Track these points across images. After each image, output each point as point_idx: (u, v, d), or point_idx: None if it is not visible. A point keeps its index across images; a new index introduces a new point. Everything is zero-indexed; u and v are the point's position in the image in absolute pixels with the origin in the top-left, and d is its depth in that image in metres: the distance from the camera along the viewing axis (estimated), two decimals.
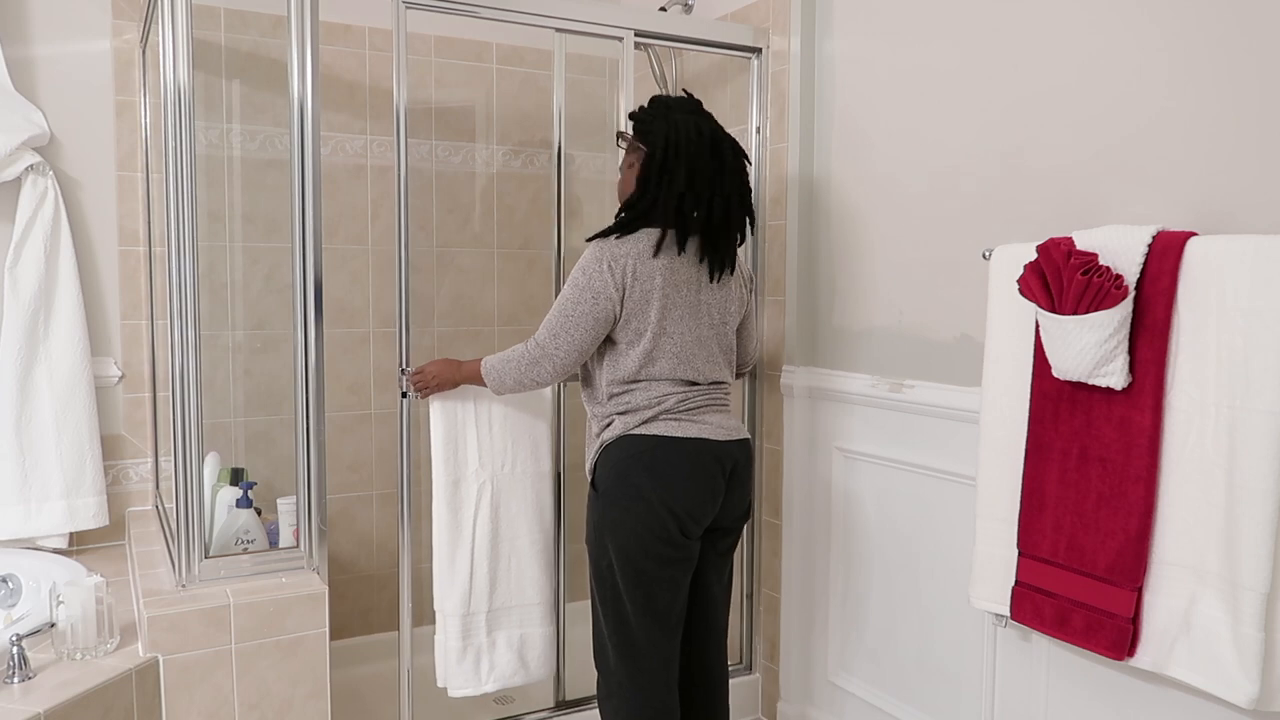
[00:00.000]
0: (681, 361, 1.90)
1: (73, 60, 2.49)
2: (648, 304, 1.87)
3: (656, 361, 1.89)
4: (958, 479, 2.02)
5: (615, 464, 1.90)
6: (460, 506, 2.14)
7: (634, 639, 1.91)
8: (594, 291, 1.86)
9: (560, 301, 1.90)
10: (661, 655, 1.93)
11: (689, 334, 1.91)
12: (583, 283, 1.87)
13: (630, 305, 1.87)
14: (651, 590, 1.88)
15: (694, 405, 1.92)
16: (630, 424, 1.89)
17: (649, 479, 1.86)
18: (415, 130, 2.93)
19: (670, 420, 1.89)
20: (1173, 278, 1.51)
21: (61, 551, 2.41)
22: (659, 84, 2.92)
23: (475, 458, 2.16)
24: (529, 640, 2.22)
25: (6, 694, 1.67)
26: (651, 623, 1.90)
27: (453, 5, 2.17)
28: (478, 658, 2.17)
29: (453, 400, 2.13)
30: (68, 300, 2.42)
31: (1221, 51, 1.55)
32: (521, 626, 2.22)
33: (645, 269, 1.86)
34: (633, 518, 1.86)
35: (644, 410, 1.89)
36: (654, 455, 1.87)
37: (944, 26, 2.04)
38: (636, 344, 1.89)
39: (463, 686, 2.16)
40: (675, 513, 1.86)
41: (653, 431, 1.88)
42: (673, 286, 1.88)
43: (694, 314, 1.92)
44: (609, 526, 1.89)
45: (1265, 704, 1.44)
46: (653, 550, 1.86)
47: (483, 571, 2.16)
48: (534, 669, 2.24)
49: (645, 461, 1.87)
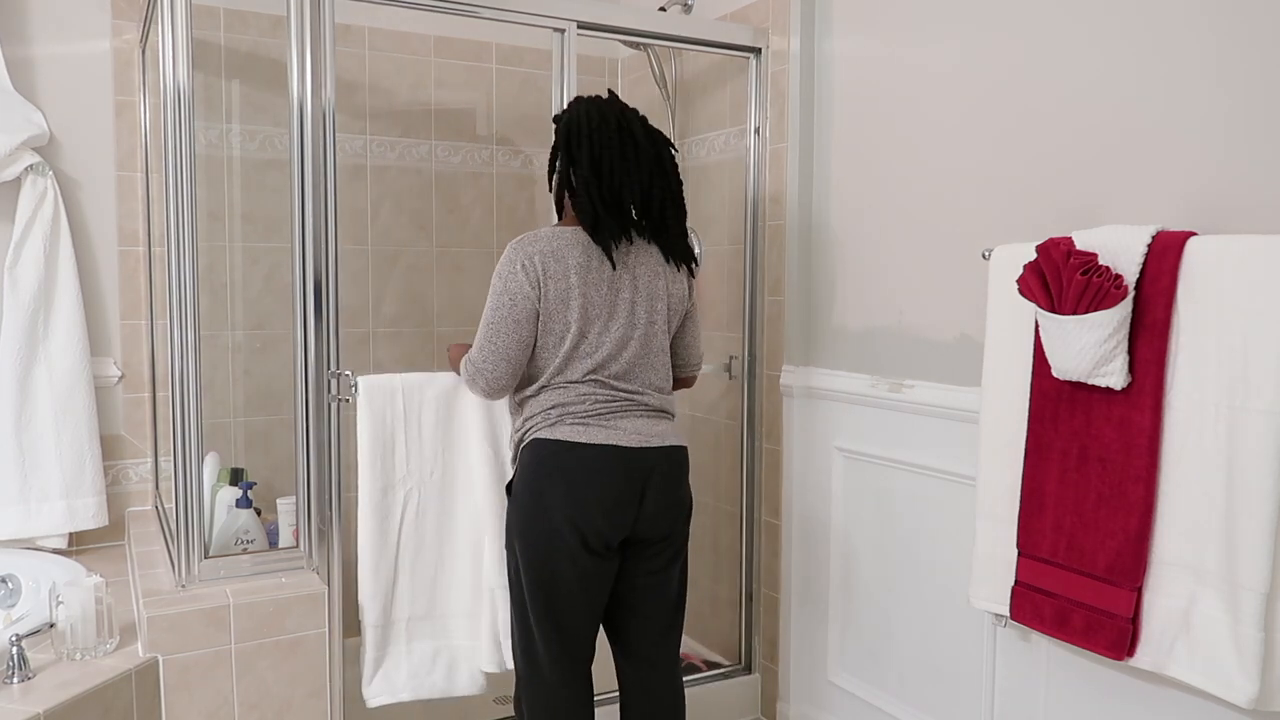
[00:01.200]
0: (599, 364, 1.80)
1: (72, 60, 2.49)
2: (566, 303, 1.77)
3: (573, 363, 1.79)
4: (957, 479, 2.02)
5: (524, 468, 1.81)
6: (387, 514, 2.05)
7: (534, 649, 1.84)
8: (510, 294, 1.76)
9: (484, 313, 1.81)
10: (561, 672, 1.84)
11: (611, 334, 1.80)
12: (499, 287, 1.78)
13: (547, 305, 1.77)
14: (553, 603, 1.79)
15: (608, 410, 1.80)
16: (538, 426, 1.80)
17: (549, 485, 1.77)
18: (415, 130, 2.93)
19: (576, 425, 1.78)
20: (1172, 278, 1.51)
21: (61, 552, 2.41)
22: (659, 84, 2.92)
23: (403, 464, 2.06)
24: (456, 652, 2.10)
25: (6, 694, 1.67)
26: (553, 635, 1.81)
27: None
28: (395, 666, 2.07)
29: (381, 405, 2.04)
30: (67, 300, 2.42)
31: (1221, 51, 1.55)
32: (448, 637, 2.11)
33: (559, 266, 1.76)
34: (535, 525, 1.77)
35: (552, 412, 1.79)
36: (556, 461, 1.77)
37: (944, 26, 2.04)
38: (557, 347, 1.79)
39: (378, 695, 2.06)
40: (576, 524, 1.75)
41: (556, 436, 1.78)
42: (591, 285, 1.78)
43: (613, 312, 1.81)
44: (515, 530, 1.81)
45: (1265, 704, 1.44)
46: (553, 561, 1.77)
47: (405, 580, 2.07)
48: (461, 681, 2.11)
49: (547, 468, 1.77)
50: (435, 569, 2.10)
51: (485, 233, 3.06)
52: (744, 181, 2.58)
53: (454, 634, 2.11)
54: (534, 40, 2.96)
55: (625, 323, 1.82)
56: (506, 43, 3.03)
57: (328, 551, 2.07)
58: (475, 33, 2.97)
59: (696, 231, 2.88)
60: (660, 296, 1.86)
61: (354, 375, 2.03)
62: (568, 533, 1.76)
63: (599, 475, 1.77)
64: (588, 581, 1.80)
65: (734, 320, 2.68)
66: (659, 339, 1.87)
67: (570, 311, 1.78)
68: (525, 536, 1.79)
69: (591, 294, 1.79)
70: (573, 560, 1.77)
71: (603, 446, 1.77)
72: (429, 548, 2.09)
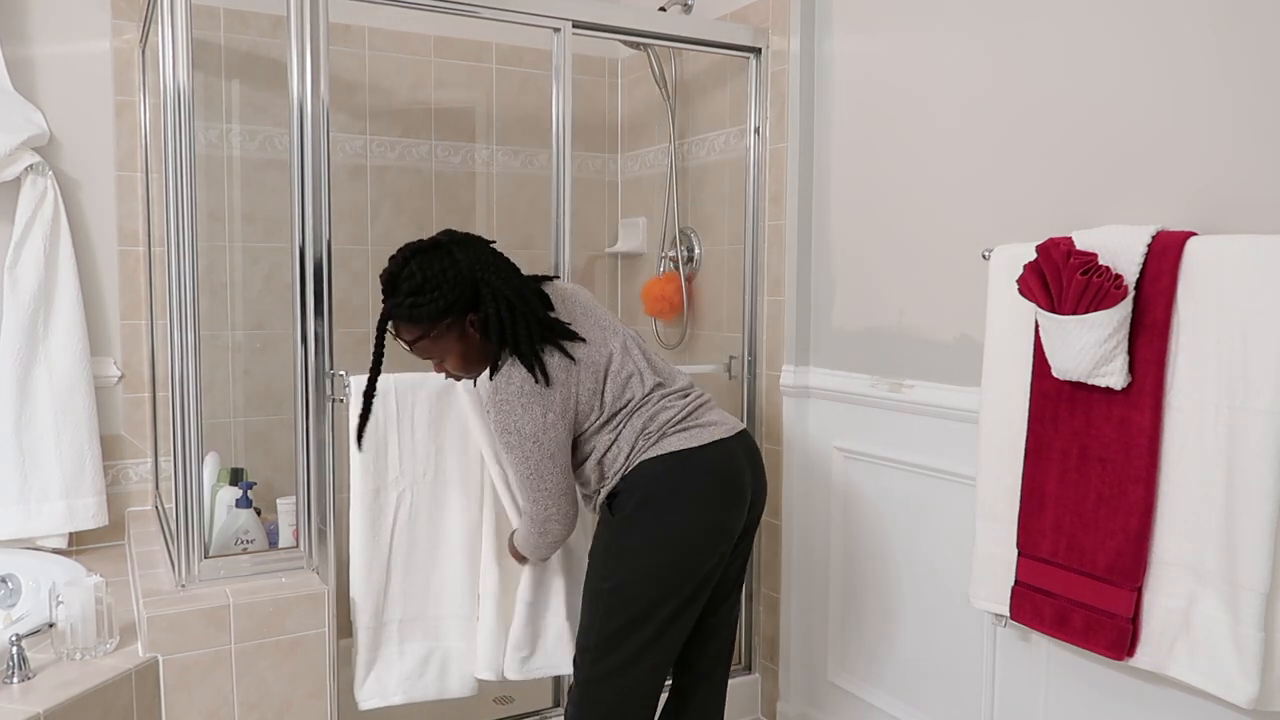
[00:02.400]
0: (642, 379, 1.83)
1: (72, 60, 2.49)
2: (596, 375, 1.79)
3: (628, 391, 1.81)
4: (957, 479, 2.02)
5: (638, 491, 1.79)
6: (379, 515, 2.04)
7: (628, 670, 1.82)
8: (535, 439, 1.74)
9: (516, 466, 1.78)
10: (658, 680, 1.85)
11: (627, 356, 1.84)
12: (518, 440, 1.74)
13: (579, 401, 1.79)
14: (683, 610, 1.80)
15: (690, 410, 1.84)
16: (640, 449, 1.80)
17: (682, 493, 1.77)
18: (415, 130, 2.93)
19: (679, 433, 1.80)
20: (1172, 277, 1.51)
21: (61, 551, 2.41)
22: (658, 84, 2.92)
23: (396, 465, 2.05)
24: (449, 653, 2.09)
25: (6, 694, 1.67)
26: (668, 643, 1.82)
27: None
28: (387, 668, 2.06)
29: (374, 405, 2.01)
30: (67, 300, 2.42)
31: (1221, 51, 1.55)
32: (439, 639, 2.09)
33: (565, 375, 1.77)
34: (658, 553, 1.77)
35: (648, 433, 1.80)
36: (677, 475, 1.78)
37: (944, 26, 2.03)
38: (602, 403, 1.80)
39: (370, 698, 2.05)
40: (720, 524, 1.79)
41: (667, 449, 1.78)
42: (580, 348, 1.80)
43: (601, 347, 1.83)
44: (628, 553, 1.79)
45: (1265, 704, 1.44)
46: (676, 586, 1.78)
47: (398, 582, 2.06)
48: (453, 684, 2.10)
49: (669, 485, 1.78)
50: (428, 570, 2.09)
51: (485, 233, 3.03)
52: (744, 181, 2.58)
53: (446, 635, 2.10)
54: (533, 40, 2.96)
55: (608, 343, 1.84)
56: (506, 43, 3.03)
57: (328, 552, 2.07)
58: (475, 33, 2.97)
59: (696, 232, 2.88)
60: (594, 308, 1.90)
61: (348, 375, 2.03)
62: (713, 531, 1.79)
63: (723, 470, 1.81)
64: (705, 597, 1.84)
65: (734, 320, 2.68)
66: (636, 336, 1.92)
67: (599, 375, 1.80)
68: (661, 550, 1.77)
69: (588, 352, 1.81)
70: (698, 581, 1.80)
71: (716, 444, 1.81)
72: (422, 549, 2.08)
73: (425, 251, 1.77)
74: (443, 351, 1.80)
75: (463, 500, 2.10)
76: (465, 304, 1.75)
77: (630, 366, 1.84)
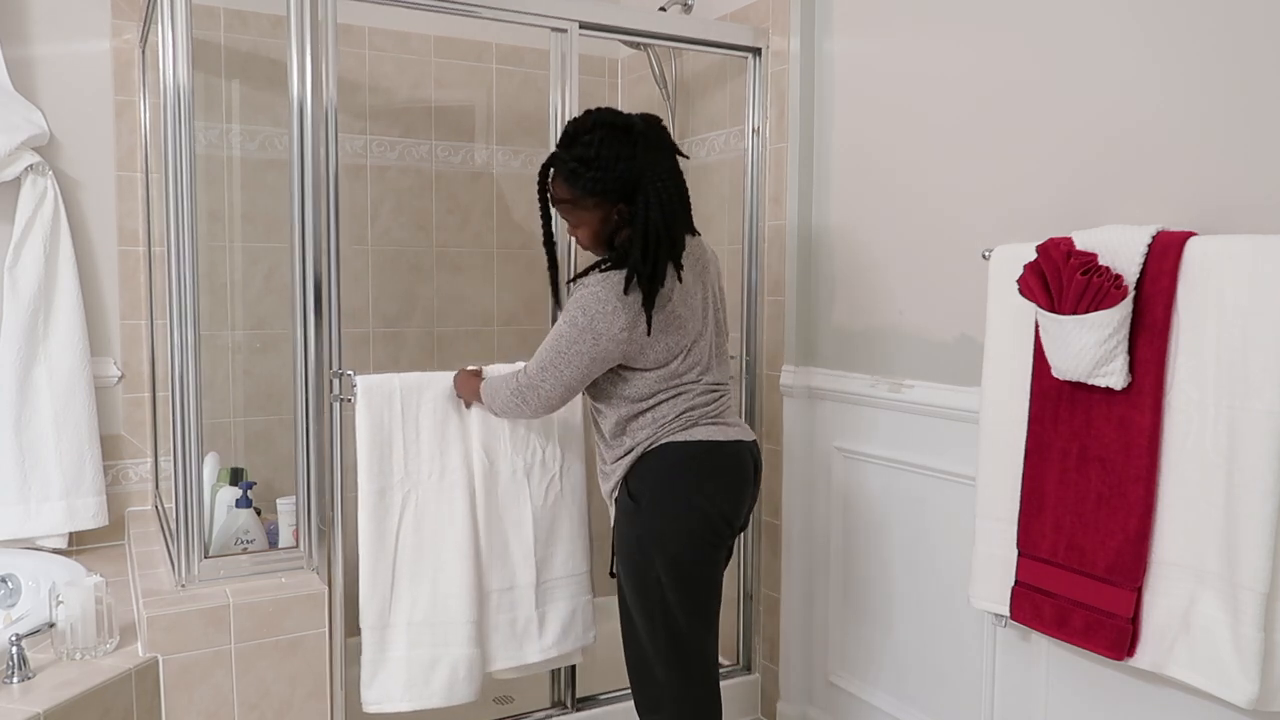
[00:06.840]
0: (706, 368, 1.86)
1: (72, 60, 2.49)
2: (667, 330, 1.79)
3: (686, 371, 1.83)
4: (957, 479, 2.02)
5: (658, 473, 1.82)
6: (385, 516, 2.04)
7: (687, 648, 1.86)
8: (595, 333, 1.75)
9: (555, 337, 1.79)
10: (711, 658, 1.91)
11: (703, 339, 1.86)
12: (583, 323, 1.75)
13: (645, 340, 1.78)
14: (700, 596, 1.85)
15: (724, 408, 1.89)
16: (667, 432, 1.82)
17: (700, 485, 1.81)
18: (415, 130, 2.93)
19: (710, 425, 1.84)
20: (1172, 278, 1.51)
21: (61, 551, 2.41)
22: (659, 84, 2.92)
23: (401, 465, 2.05)
24: (457, 661, 2.06)
25: (6, 694, 1.67)
26: (702, 627, 1.87)
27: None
28: (393, 674, 2.04)
29: (379, 405, 2.03)
30: (67, 300, 2.42)
31: (1220, 52, 1.55)
32: (449, 646, 2.07)
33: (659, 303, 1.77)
34: (685, 526, 1.81)
35: (684, 416, 1.82)
36: (703, 462, 1.81)
37: (944, 26, 2.04)
38: (665, 365, 1.81)
39: (375, 702, 2.03)
40: (726, 517, 1.84)
41: (695, 437, 1.82)
42: (679, 301, 1.82)
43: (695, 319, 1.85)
44: (656, 538, 1.81)
45: (1265, 704, 1.44)
46: (704, 555, 1.84)
47: (404, 583, 2.05)
48: (459, 690, 2.07)
49: (695, 468, 1.81)
50: (434, 573, 2.07)
51: (485, 233, 3.05)
52: (744, 181, 2.58)
53: (454, 643, 2.08)
54: (534, 40, 2.96)
55: (702, 320, 1.87)
56: (506, 43, 3.03)
57: (328, 552, 2.07)
58: (475, 33, 2.97)
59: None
60: (711, 283, 1.92)
61: (355, 375, 2.03)
62: (721, 527, 1.84)
63: (738, 471, 1.86)
64: (725, 565, 1.91)
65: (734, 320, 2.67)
66: (721, 326, 1.95)
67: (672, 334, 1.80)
68: (674, 540, 1.81)
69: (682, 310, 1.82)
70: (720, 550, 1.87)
71: (736, 443, 1.86)
72: (428, 551, 2.07)
73: (614, 129, 1.75)
74: (581, 220, 1.82)
75: (467, 502, 2.10)
76: (619, 196, 1.76)
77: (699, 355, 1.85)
